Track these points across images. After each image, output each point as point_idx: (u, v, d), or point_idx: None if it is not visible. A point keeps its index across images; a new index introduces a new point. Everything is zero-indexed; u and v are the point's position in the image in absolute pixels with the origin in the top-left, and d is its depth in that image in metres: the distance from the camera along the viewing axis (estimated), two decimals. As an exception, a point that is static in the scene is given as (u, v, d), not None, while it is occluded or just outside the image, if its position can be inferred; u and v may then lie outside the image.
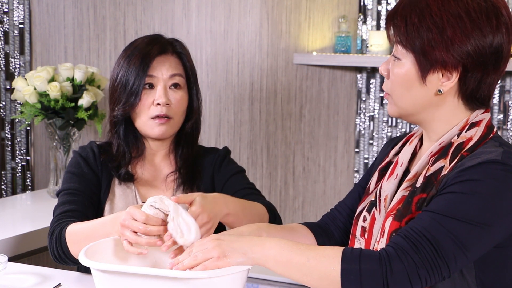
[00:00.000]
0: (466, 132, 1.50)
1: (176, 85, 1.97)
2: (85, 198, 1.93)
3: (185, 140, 2.03)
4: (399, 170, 1.58)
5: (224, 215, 1.68)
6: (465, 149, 1.47)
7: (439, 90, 1.48)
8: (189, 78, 2.01)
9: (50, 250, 1.85)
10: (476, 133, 1.49)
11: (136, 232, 1.58)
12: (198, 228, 1.53)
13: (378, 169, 1.66)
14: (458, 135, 1.50)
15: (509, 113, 2.98)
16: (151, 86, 1.94)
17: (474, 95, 1.51)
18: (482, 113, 1.53)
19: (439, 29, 1.45)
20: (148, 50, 1.94)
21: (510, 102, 2.97)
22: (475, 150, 1.47)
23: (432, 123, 1.53)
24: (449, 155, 1.47)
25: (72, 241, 1.78)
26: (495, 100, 2.98)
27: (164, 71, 1.94)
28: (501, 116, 2.98)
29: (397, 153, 1.65)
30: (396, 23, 1.49)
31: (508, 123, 2.98)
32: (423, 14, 1.46)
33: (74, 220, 1.84)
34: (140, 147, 2.00)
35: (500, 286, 1.48)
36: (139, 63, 1.93)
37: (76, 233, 1.77)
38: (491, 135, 1.51)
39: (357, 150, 3.17)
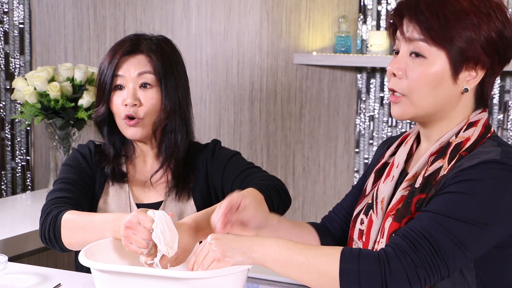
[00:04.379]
0: (464, 132, 1.49)
1: (145, 84, 1.94)
2: (80, 189, 1.93)
3: (169, 140, 1.99)
4: (395, 172, 1.58)
5: (202, 234, 1.66)
6: (463, 149, 1.47)
7: (466, 89, 1.48)
8: (161, 76, 1.94)
9: (41, 231, 1.84)
10: (473, 133, 1.49)
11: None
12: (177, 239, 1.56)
13: (374, 170, 1.65)
14: (457, 135, 1.50)
15: (509, 113, 2.98)
16: (121, 87, 1.94)
17: (485, 95, 1.52)
18: (479, 113, 1.53)
19: (474, 27, 1.44)
20: (116, 50, 1.95)
21: (510, 102, 2.97)
22: (473, 150, 1.46)
23: (440, 123, 1.52)
24: (448, 155, 1.47)
25: (67, 228, 1.78)
26: (495, 100, 2.98)
27: (132, 70, 1.93)
28: (501, 116, 2.98)
29: (393, 154, 1.64)
30: (423, 19, 1.45)
31: (508, 123, 2.98)
32: (456, 9, 1.44)
33: (70, 207, 1.84)
34: (129, 147, 2.01)
35: (501, 286, 1.48)
36: (107, 64, 1.94)
37: (74, 221, 1.77)
38: (489, 134, 1.51)
39: (357, 150, 3.17)
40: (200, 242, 1.64)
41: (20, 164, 3.64)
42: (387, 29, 1.56)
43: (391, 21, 1.52)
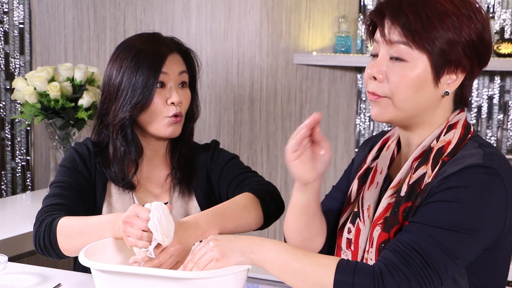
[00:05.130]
0: (444, 135, 1.47)
1: (183, 83, 1.96)
2: (76, 194, 1.91)
3: (184, 141, 2.02)
4: (380, 178, 1.56)
5: (201, 234, 1.67)
6: (446, 154, 1.45)
7: (446, 92, 1.46)
8: (194, 76, 2.01)
9: (36, 240, 1.81)
10: (454, 136, 1.47)
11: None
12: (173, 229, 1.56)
13: (357, 176, 1.63)
14: (437, 139, 1.48)
15: (509, 113, 2.98)
16: (162, 84, 1.92)
17: (465, 96, 1.50)
18: (458, 113, 1.51)
19: (456, 29, 1.42)
20: (157, 48, 1.92)
21: (510, 102, 2.97)
22: (455, 154, 1.44)
23: (421, 126, 1.50)
24: (430, 161, 1.45)
25: (64, 234, 1.76)
26: (495, 100, 2.98)
27: (174, 68, 1.93)
28: (501, 116, 2.98)
29: (374, 158, 1.62)
30: (405, 21, 1.42)
31: (508, 123, 2.98)
32: (438, 11, 1.42)
33: (64, 214, 1.83)
34: (140, 149, 1.98)
35: (493, 287, 1.48)
36: (150, 62, 1.89)
37: (70, 227, 1.75)
38: (469, 135, 1.49)
39: (357, 150, 3.17)
40: (200, 241, 1.64)
41: (20, 164, 3.64)
42: (365, 30, 1.52)
43: (369, 22, 1.50)
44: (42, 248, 1.81)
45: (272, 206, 1.87)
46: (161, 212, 1.54)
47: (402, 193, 1.45)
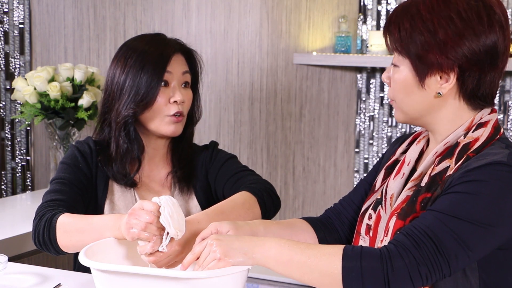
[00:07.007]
0: (473, 132, 1.50)
1: (186, 84, 1.98)
2: (75, 191, 1.91)
3: (185, 141, 2.03)
4: (406, 169, 1.59)
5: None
6: (472, 149, 1.47)
7: (439, 93, 1.50)
8: (196, 77, 2.03)
9: (35, 234, 1.82)
10: (483, 134, 1.49)
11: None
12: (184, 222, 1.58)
13: (384, 167, 1.67)
14: (465, 135, 1.50)
15: (509, 113, 2.98)
16: (166, 83, 1.94)
17: (475, 94, 1.51)
18: (488, 114, 1.53)
19: (431, 33, 1.46)
20: (163, 48, 1.95)
21: (510, 102, 2.97)
22: (481, 151, 1.47)
23: (437, 125, 1.54)
24: (455, 155, 1.48)
25: (64, 230, 1.76)
26: (495, 100, 2.98)
27: (178, 68, 1.96)
28: (501, 116, 2.98)
29: (404, 152, 1.66)
30: (391, 30, 1.52)
31: (508, 123, 2.98)
32: (414, 19, 1.48)
33: (64, 210, 1.83)
34: (142, 147, 1.99)
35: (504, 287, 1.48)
36: (156, 61, 1.91)
37: (71, 224, 1.76)
38: (498, 136, 1.51)
39: (357, 150, 3.17)
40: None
41: (20, 164, 3.64)
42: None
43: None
44: (41, 243, 1.82)
45: (269, 203, 1.89)
46: (171, 206, 1.55)
47: (423, 184, 1.49)
